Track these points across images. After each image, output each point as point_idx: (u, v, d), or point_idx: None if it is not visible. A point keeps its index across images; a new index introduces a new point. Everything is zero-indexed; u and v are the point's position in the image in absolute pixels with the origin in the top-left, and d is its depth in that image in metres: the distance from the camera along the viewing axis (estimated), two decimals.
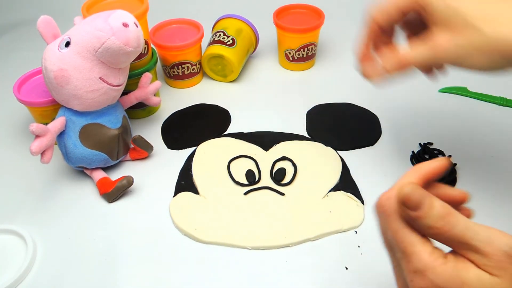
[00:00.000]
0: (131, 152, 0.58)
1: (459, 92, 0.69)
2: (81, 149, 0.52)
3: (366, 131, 0.62)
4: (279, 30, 0.72)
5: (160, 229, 0.50)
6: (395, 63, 0.42)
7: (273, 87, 0.72)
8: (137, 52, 0.50)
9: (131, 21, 0.48)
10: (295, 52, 0.73)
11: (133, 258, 0.47)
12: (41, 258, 0.47)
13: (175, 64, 0.69)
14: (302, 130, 0.62)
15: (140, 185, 0.55)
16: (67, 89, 0.49)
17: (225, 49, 0.69)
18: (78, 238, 0.49)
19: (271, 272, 0.45)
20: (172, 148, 0.60)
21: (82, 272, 0.46)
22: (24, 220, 0.51)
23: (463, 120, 0.64)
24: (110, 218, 0.51)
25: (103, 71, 0.49)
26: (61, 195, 0.54)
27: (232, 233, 0.48)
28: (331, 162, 0.56)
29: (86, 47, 0.48)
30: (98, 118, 0.53)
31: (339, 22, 0.88)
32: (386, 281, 0.44)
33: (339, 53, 0.80)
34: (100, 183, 0.53)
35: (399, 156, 0.58)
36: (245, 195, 0.52)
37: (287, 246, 0.47)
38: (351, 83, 0.72)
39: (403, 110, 0.66)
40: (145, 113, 0.66)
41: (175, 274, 0.45)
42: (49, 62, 0.49)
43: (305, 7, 0.76)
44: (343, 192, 0.52)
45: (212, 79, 0.74)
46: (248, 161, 0.56)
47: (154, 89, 0.60)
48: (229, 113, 0.66)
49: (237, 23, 0.73)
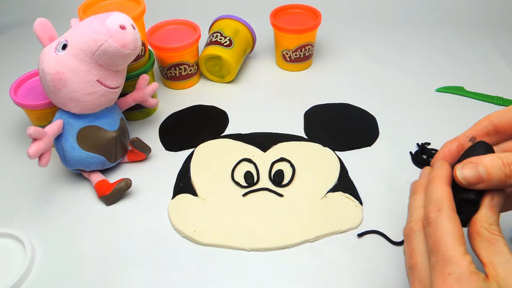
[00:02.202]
0: (129, 154, 0.58)
1: (456, 91, 0.69)
2: (79, 151, 0.52)
3: (364, 132, 0.62)
4: (276, 31, 0.72)
5: (158, 231, 0.50)
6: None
7: (270, 88, 0.72)
8: (134, 54, 0.50)
9: (128, 23, 0.48)
10: (292, 52, 0.73)
11: (131, 261, 0.47)
12: (39, 261, 0.47)
13: (172, 65, 0.69)
14: (300, 131, 0.62)
15: (138, 187, 0.55)
16: (64, 92, 0.49)
17: (222, 50, 0.69)
18: (77, 241, 0.49)
19: (270, 274, 0.45)
20: (170, 149, 0.60)
21: (81, 275, 0.46)
22: (22, 224, 0.51)
23: (460, 120, 0.64)
24: (109, 220, 0.51)
25: (100, 74, 0.49)
26: (59, 198, 0.54)
27: (231, 235, 0.48)
28: (329, 163, 0.56)
29: (83, 50, 0.47)
30: (95, 120, 0.53)
31: (336, 22, 0.88)
32: (386, 282, 0.44)
33: (336, 53, 0.80)
34: (98, 186, 0.53)
35: (397, 156, 0.58)
36: (244, 196, 0.52)
37: (286, 248, 0.47)
38: (349, 83, 0.72)
39: (401, 110, 0.66)
40: (142, 114, 0.66)
41: (174, 276, 0.45)
42: (46, 64, 0.49)
43: (302, 7, 0.76)
44: (342, 193, 0.52)
45: (210, 80, 0.74)
46: (247, 162, 0.56)
47: (152, 91, 0.60)
48: (226, 114, 0.66)
49: (234, 23, 0.72)
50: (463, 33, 0.86)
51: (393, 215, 0.50)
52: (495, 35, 0.84)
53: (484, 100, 0.68)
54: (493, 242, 0.30)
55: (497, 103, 0.67)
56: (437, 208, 0.31)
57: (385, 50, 0.81)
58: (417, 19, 0.90)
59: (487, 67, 0.75)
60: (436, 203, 0.32)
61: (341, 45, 0.83)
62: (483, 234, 0.30)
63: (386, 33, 0.86)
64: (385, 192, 0.53)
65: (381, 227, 0.49)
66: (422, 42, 0.83)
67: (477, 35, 0.85)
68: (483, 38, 0.84)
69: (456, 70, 0.75)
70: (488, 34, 0.85)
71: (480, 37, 0.84)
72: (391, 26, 0.88)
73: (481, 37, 0.84)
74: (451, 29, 0.87)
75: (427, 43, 0.83)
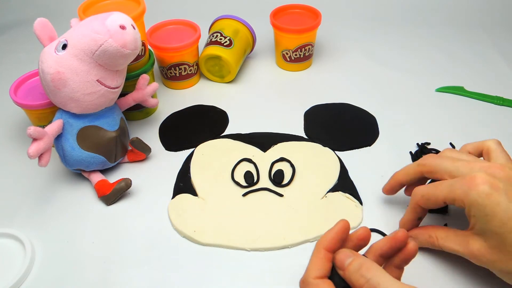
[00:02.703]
0: (129, 154, 0.58)
1: (456, 91, 0.69)
2: (79, 151, 0.52)
3: (363, 132, 0.62)
4: (276, 31, 0.72)
5: (158, 231, 0.50)
6: (425, 241, 0.44)
7: (270, 88, 0.72)
8: (134, 54, 0.50)
9: (128, 23, 0.48)
10: (292, 52, 0.73)
11: (131, 261, 0.47)
12: (39, 261, 0.47)
13: (172, 65, 0.69)
14: (300, 131, 0.62)
15: (138, 187, 0.55)
16: (64, 92, 0.49)
17: (222, 50, 0.69)
18: (77, 241, 0.49)
19: (270, 274, 0.45)
20: (170, 149, 0.60)
21: (81, 275, 0.46)
22: (22, 224, 0.51)
23: (460, 120, 0.64)
24: (109, 220, 0.51)
25: (100, 74, 0.49)
26: (59, 198, 0.54)
27: (231, 235, 0.48)
28: (329, 163, 0.56)
29: (83, 50, 0.47)
30: (95, 120, 0.53)
31: (336, 22, 0.88)
32: None
33: (336, 53, 0.80)
34: (98, 186, 0.53)
35: (397, 156, 0.58)
36: (244, 196, 0.52)
37: (286, 248, 0.48)
38: (349, 83, 0.72)
39: (401, 110, 0.66)
40: (142, 114, 0.66)
41: (174, 276, 0.45)
42: (46, 64, 0.49)
43: (302, 7, 0.76)
44: (342, 192, 0.52)
45: (210, 80, 0.74)
46: (247, 162, 0.56)
47: (152, 91, 0.60)
48: (226, 114, 0.66)
49: (234, 23, 0.72)
50: (463, 33, 0.86)
51: (393, 215, 0.50)
52: (495, 35, 0.84)
53: (484, 100, 0.68)
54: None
55: (497, 103, 0.67)
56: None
57: (385, 50, 0.81)
58: (417, 19, 0.90)
59: (487, 67, 0.75)
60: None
61: (341, 45, 0.83)
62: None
63: (386, 33, 0.86)
64: None
65: (381, 227, 0.49)
66: (422, 42, 0.83)
67: (477, 35, 0.85)
68: (483, 38, 0.84)
69: (456, 70, 0.75)
70: (488, 34, 0.85)
71: (480, 37, 0.84)
72: (391, 26, 0.88)
73: (481, 37, 0.84)
74: (451, 29, 0.87)
75: (427, 43, 0.83)
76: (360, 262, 0.35)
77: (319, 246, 0.37)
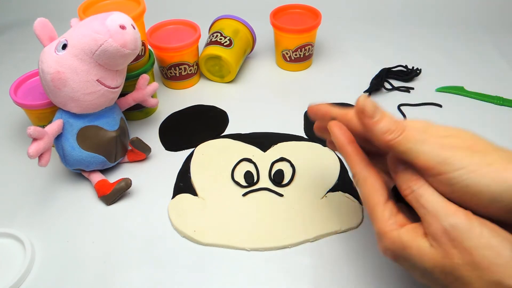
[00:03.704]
0: (129, 154, 0.58)
1: (456, 91, 0.69)
2: (79, 151, 0.52)
3: None
4: (276, 31, 0.72)
5: (158, 231, 0.50)
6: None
7: (270, 88, 0.72)
8: (134, 54, 0.50)
9: (128, 23, 0.48)
10: (292, 52, 0.73)
11: (131, 261, 0.47)
12: (39, 261, 0.47)
13: (172, 65, 0.69)
14: (300, 131, 0.62)
15: (138, 187, 0.55)
16: (64, 92, 0.49)
17: (222, 50, 0.69)
18: (77, 241, 0.49)
19: (270, 274, 0.45)
20: (170, 149, 0.60)
21: (81, 275, 0.46)
22: (22, 224, 0.51)
23: (460, 120, 0.64)
24: (109, 220, 0.51)
25: (100, 73, 0.49)
26: (59, 198, 0.54)
27: (231, 235, 0.48)
28: (329, 162, 0.56)
29: (83, 50, 0.47)
30: (95, 120, 0.53)
31: (336, 22, 0.88)
32: (386, 281, 0.44)
33: (336, 53, 0.80)
34: (98, 186, 0.53)
35: None
36: (244, 196, 0.52)
37: (286, 247, 0.48)
38: (349, 83, 0.72)
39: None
40: (142, 114, 0.66)
41: (174, 276, 0.45)
42: (46, 64, 0.49)
43: (302, 7, 0.76)
44: (342, 192, 0.52)
45: (210, 80, 0.74)
46: (247, 162, 0.56)
47: (152, 91, 0.60)
48: (226, 114, 0.66)
49: (234, 23, 0.72)
50: (463, 33, 0.86)
51: None
52: (495, 35, 0.84)
53: (484, 100, 0.68)
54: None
55: (497, 103, 0.67)
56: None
57: (385, 50, 0.81)
58: (417, 19, 0.90)
59: (487, 67, 0.75)
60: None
61: (341, 45, 0.83)
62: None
63: (386, 33, 0.86)
64: None
65: None
66: (422, 42, 0.83)
67: (477, 35, 0.85)
68: (483, 38, 0.84)
69: (456, 70, 0.75)
70: (488, 34, 0.85)
71: (480, 37, 0.84)
72: (391, 26, 0.88)
73: (481, 37, 0.84)
74: (451, 29, 0.87)
75: (427, 43, 0.83)
76: (409, 174, 0.33)
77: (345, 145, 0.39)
